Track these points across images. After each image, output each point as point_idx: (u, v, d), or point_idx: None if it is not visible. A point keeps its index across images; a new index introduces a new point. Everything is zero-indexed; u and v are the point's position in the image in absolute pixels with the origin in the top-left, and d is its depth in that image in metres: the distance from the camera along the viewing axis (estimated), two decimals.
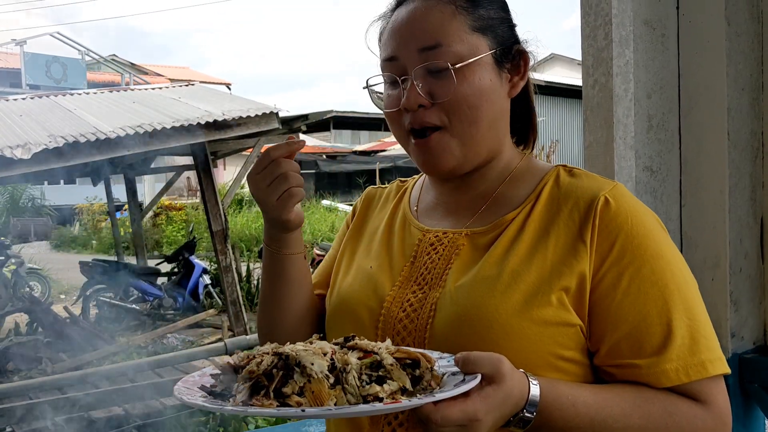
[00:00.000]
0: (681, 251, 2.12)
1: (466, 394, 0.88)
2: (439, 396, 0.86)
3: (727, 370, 1.03)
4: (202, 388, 0.93)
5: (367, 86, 1.18)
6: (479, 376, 0.90)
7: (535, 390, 0.94)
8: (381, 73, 1.16)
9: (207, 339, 8.97)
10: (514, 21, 1.19)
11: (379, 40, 1.18)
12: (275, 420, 5.50)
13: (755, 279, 2.07)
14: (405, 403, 0.85)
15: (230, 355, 0.97)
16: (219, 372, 0.94)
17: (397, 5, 1.16)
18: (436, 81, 1.09)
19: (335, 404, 0.86)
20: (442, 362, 0.96)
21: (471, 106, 1.09)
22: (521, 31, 1.20)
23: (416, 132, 1.13)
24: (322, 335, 1.05)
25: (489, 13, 1.13)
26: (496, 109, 1.13)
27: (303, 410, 0.83)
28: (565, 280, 1.03)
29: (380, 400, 0.86)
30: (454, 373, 0.93)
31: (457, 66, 1.08)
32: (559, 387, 0.98)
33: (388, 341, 0.98)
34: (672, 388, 1.02)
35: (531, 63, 1.19)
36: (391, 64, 1.13)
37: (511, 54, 1.15)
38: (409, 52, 1.10)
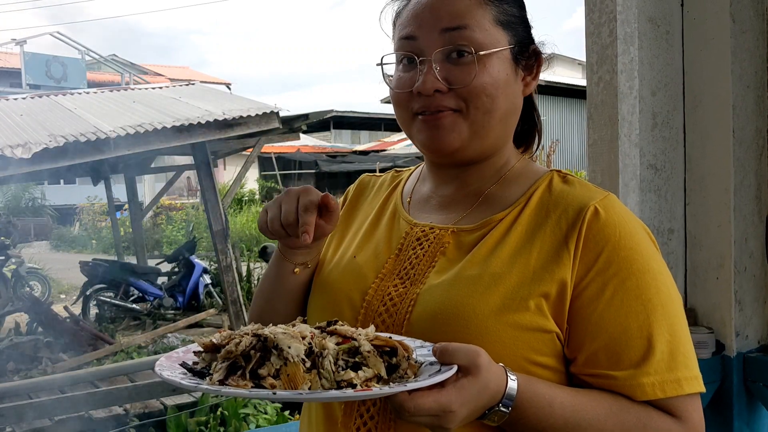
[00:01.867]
0: (685, 251, 2.12)
1: (441, 385, 0.88)
2: (411, 385, 0.86)
3: (703, 389, 1.03)
4: (183, 365, 0.94)
5: (381, 63, 1.16)
6: (455, 367, 0.89)
7: (512, 384, 0.94)
8: (395, 54, 1.14)
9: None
10: (531, 22, 1.18)
11: (395, 21, 1.16)
12: (276, 419, 5.49)
13: (760, 278, 2.05)
14: (376, 390, 0.85)
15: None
16: (201, 350, 0.95)
17: None
18: (455, 67, 1.08)
19: (309, 388, 0.86)
20: (422, 351, 0.96)
21: (489, 95, 1.08)
22: (535, 33, 1.19)
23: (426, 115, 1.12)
24: (305, 318, 1.04)
25: (512, 10, 1.13)
26: (509, 104, 1.13)
27: (274, 393, 0.83)
28: (545, 286, 1.03)
29: (354, 386, 0.87)
30: (432, 363, 0.93)
31: (480, 53, 1.07)
32: (537, 385, 0.98)
33: (372, 327, 0.97)
34: (647, 402, 1.01)
35: (544, 66, 1.18)
36: (409, 43, 1.11)
37: (527, 53, 1.15)
38: (431, 32, 1.08)
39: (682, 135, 2.07)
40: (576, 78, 22.77)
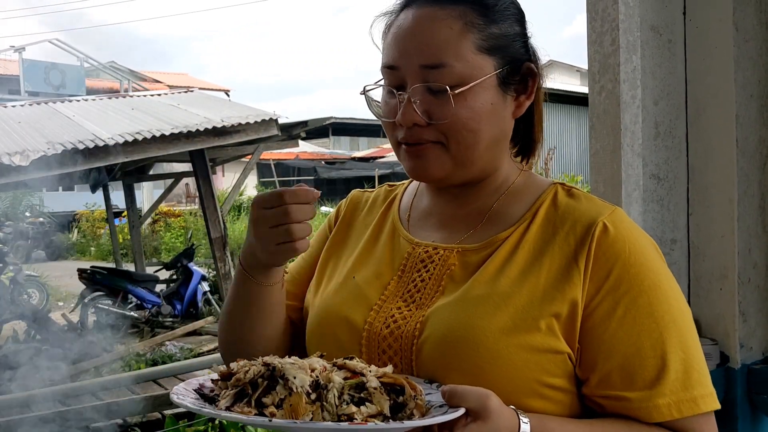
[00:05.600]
0: (688, 261, 2.10)
1: (450, 429, 0.87)
2: (408, 423, 0.86)
3: (718, 406, 1.02)
4: (197, 390, 0.98)
5: (364, 92, 1.14)
6: (462, 410, 0.88)
7: (525, 428, 0.92)
8: (381, 75, 1.12)
9: (206, 346, 8.92)
10: (529, 33, 1.14)
11: (384, 38, 1.13)
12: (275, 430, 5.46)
13: (764, 289, 2.03)
14: (371, 425, 0.85)
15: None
16: (219, 378, 0.98)
17: (406, 5, 1.11)
18: (435, 101, 1.05)
19: (311, 420, 0.87)
20: (437, 396, 0.95)
21: (469, 130, 1.06)
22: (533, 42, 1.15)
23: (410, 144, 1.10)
24: (322, 354, 1.02)
25: (501, 30, 1.08)
26: (495, 132, 1.09)
27: (270, 420, 0.85)
28: (556, 305, 1.01)
29: (353, 421, 0.87)
30: (441, 405, 0.92)
31: (456, 91, 1.03)
32: (550, 424, 0.96)
33: (390, 367, 0.96)
34: (662, 424, 1.00)
35: (541, 81, 1.14)
36: (391, 72, 1.09)
37: (519, 73, 1.11)
38: (411, 66, 1.06)
39: (684, 144, 2.05)
40: (574, 85, 22.80)
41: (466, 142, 1.06)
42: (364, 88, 1.14)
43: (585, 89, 2.06)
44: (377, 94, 1.15)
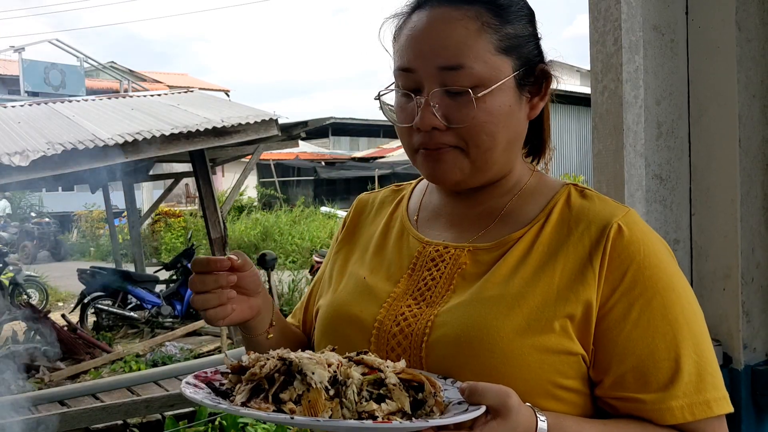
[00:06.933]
0: (691, 261, 2.09)
1: (470, 427, 0.87)
2: (433, 422, 0.85)
3: (731, 409, 1.02)
4: (209, 384, 0.95)
5: (379, 98, 1.12)
6: (483, 408, 0.88)
7: (543, 426, 0.92)
8: (394, 78, 1.10)
9: (206, 347, 8.91)
10: (540, 34, 1.14)
11: (395, 40, 1.11)
12: (275, 428, 5.45)
13: (767, 289, 2.02)
14: (395, 424, 0.83)
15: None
16: (229, 371, 0.95)
17: (417, 6, 1.09)
18: (454, 104, 1.04)
19: (330, 416, 0.85)
20: (453, 392, 0.94)
21: (488, 133, 1.05)
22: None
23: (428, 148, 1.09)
24: (334, 348, 1.01)
25: (516, 30, 1.07)
26: (511, 134, 1.09)
27: (292, 417, 0.82)
28: (570, 307, 1.00)
29: (375, 418, 0.85)
30: (460, 402, 0.91)
31: (479, 94, 1.02)
32: (566, 422, 0.96)
33: (403, 362, 0.95)
34: (675, 426, 0.99)
35: (553, 84, 1.15)
36: (406, 75, 1.07)
37: (533, 74, 1.11)
38: (428, 68, 1.04)
39: (687, 144, 2.04)
40: (574, 85, 22.79)
41: (485, 145, 1.06)
42: (378, 93, 1.12)
43: (585, 89, 2.06)
44: (388, 98, 1.13)
